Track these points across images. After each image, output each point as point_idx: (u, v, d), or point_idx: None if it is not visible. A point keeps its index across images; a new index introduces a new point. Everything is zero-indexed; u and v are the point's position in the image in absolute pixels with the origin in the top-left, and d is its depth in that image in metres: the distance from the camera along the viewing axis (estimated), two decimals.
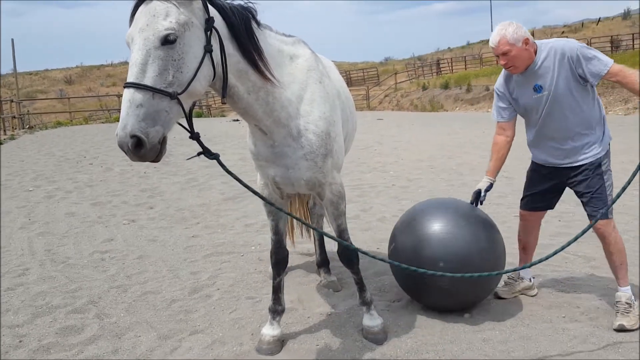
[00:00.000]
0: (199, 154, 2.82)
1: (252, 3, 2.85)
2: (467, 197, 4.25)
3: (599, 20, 56.99)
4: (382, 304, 4.24)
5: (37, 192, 9.21)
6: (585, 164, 3.78)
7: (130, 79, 2.34)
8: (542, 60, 3.60)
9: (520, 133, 4.12)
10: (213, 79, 2.65)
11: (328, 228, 6.09)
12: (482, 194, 4.00)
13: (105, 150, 14.71)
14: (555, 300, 4.19)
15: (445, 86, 36.61)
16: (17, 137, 20.74)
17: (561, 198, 4.19)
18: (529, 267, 3.91)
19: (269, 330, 3.62)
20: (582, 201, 3.87)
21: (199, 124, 22.21)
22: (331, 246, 5.67)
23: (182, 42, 2.42)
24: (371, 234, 6.21)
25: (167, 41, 2.37)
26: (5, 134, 21.79)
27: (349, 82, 47.79)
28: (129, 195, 8.87)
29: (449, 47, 72.08)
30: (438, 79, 40.51)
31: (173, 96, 2.40)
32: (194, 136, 2.72)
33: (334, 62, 4.29)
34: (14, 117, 25.66)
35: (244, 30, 2.73)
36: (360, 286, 3.74)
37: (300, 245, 5.58)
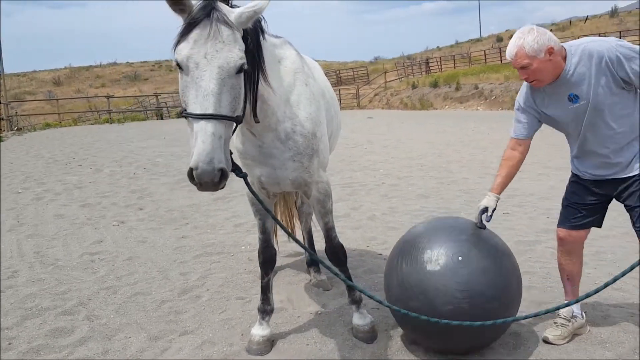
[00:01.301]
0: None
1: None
2: (456, 194, 4.25)
3: (587, 18, 57.35)
4: (373, 302, 4.24)
5: (26, 194, 9.15)
6: (637, 174, 3.20)
7: (209, 110, 2.25)
8: (575, 66, 3.09)
9: (498, 131, 4.10)
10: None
11: (314, 227, 6.10)
12: (490, 212, 3.39)
13: (95, 152, 14.65)
14: (544, 297, 4.22)
15: (435, 85, 36.73)
16: (6, 139, 20.58)
17: (546, 195, 4.12)
18: (575, 303, 3.26)
19: (259, 331, 3.62)
20: (631, 215, 3.29)
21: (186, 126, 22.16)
22: (320, 245, 5.69)
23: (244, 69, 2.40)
24: (361, 232, 6.23)
25: (240, 70, 2.35)
26: None
27: (339, 81, 47.88)
28: (119, 196, 8.83)
29: (438, 46, 72.23)
30: (427, 78, 40.62)
31: (239, 121, 2.41)
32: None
33: (324, 61, 4.34)
34: (2, 119, 25.43)
35: (255, 42, 2.67)
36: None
37: (290, 245, 5.59)
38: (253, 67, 2.63)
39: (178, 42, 2.32)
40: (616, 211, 6.62)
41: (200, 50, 2.28)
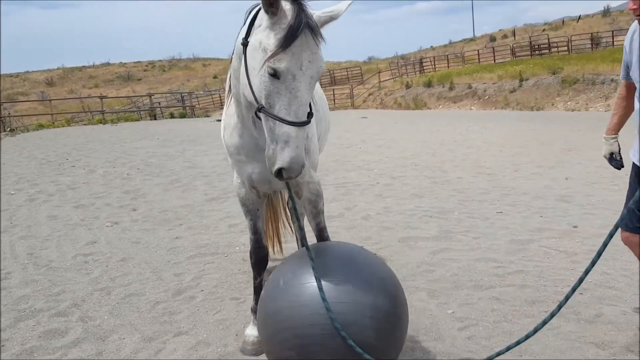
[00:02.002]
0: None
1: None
2: (450, 194, 4.26)
3: (579, 17, 57.66)
4: None
5: (19, 195, 9.11)
6: None
7: (302, 118, 2.40)
8: None
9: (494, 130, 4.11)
10: None
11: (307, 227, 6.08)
12: (617, 157, 3.28)
13: (88, 152, 14.59)
14: (538, 296, 4.24)
15: (428, 84, 36.81)
16: None
17: (539, 194, 4.13)
18: None
19: (253, 331, 3.61)
20: None
21: (183, 125, 22.06)
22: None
23: None
24: (356, 232, 6.23)
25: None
26: None
27: (333, 81, 47.93)
28: (112, 197, 8.80)
29: (431, 46, 72.44)
30: (421, 78, 40.71)
31: (310, 118, 2.49)
32: None
33: None
34: None
35: None
36: None
37: (284, 245, 5.58)
38: None
39: (277, 52, 2.35)
40: (608, 209, 6.68)
41: (297, 62, 2.36)
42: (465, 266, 4.97)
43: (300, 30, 2.33)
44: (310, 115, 2.49)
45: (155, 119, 31.79)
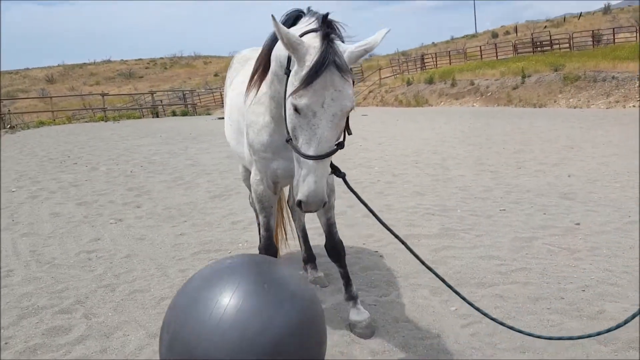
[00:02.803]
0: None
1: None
2: (452, 191, 4.26)
3: (581, 15, 57.59)
4: (371, 298, 4.27)
5: (20, 193, 9.13)
6: None
7: (321, 153, 2.45)
8: None
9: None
10: None
11: (309, 225, 6.10)
12: None
13: (90, 150, 14.61)
14: (541, 293, 4.25)
15: (430, 81, 36.76)
16: None
17: (542, 192, 4.15)
18: None
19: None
20: None
21: (185, 122, 22.03)
22: (317, 242, 5.69)
23: None
24: (357, 230, 6.24)
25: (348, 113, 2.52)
26: None
27: None
28: (116, 194, 8.82)
29: (433, 42, 72.39)
30: (422, 74, 40.66)
31: (342, 146, 2.59)
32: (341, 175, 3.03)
33: None
34: None
35: None
36: (347, 280, 3.77)
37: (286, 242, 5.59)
38: None
39: (298, 88, 2.40)
40: (610, 207, 6.69)
41: (318, 99, 2.40)
42: (468, 264, 4.98)
43: (324, 67, 2.36)
44: (340, 145, 2.56)
45: (158, 116, 31.81)
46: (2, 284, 4.92)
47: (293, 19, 2.94)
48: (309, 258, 4.85)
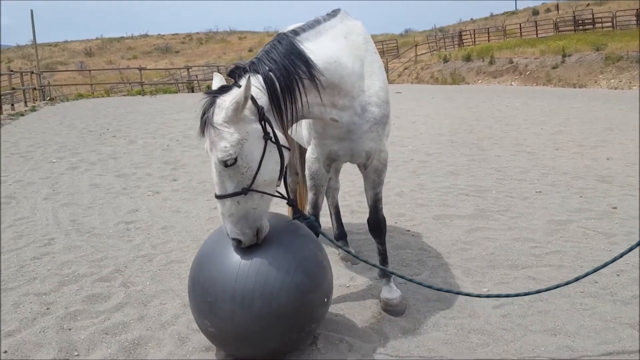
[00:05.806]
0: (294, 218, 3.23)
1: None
2: (488, 172, 4.21)
3: None
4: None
5: (61, 164, 9.37)
6: None
7: (217, 192, 2.72)
8: None
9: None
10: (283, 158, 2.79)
11: (341, 202, 6.11)
12: None
13: (128, 123, 14.86)
14: (574, 276, 4.19)
15: (467, 58, 36.13)
16: (39, 108, 20.99)
17: (580, 174, 4.06)
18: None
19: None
20: None
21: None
22: (348, 219, 5.72)
23: (243, 155, 2.63)
24: (389, 209, 6.24)
25: (227, 165, 2.63)
26: (26, 106, 22.05)
27: None
28: (153, 167, 8.99)
29: (471, 19, 71.02)
30: (460, 51, 39.97)
31: (245, 192, 2.66)
32: (290, 202, 3.16)
33: None
34: (35, 88, 25.91)
35: (297, 82, 2.83)
36: (383, 257, 3.79)
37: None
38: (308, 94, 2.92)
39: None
40: (610, 204, 6.53)
41: (206, 144, 2.72)
42: (501, 245, 4.95)
43: (202, 122, 2.71)
44: (240, 191, 2.66)
45: (193, 91, 32.06)
46: (44, 252, 5.08)
47: None
48: (341, 235, 4.88)
